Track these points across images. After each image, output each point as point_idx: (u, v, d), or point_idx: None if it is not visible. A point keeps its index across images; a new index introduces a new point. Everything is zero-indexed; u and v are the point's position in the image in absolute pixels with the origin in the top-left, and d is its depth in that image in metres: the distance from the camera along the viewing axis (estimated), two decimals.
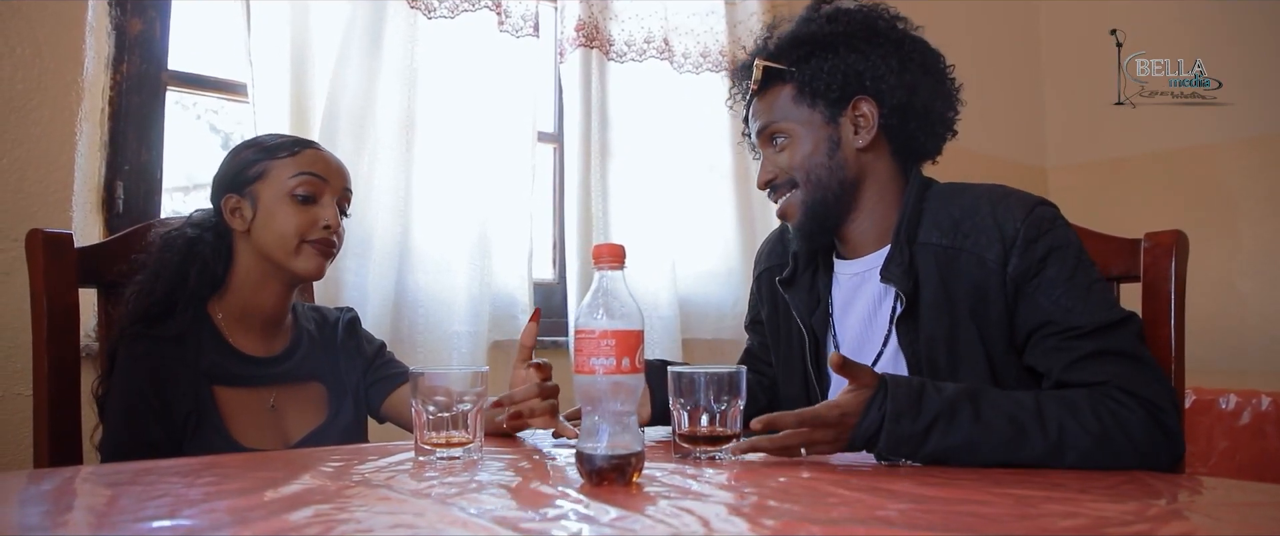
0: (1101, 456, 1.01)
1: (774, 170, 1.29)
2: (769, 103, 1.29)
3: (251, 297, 1.34)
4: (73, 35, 1.70)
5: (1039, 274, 1.14)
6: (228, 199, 1.34)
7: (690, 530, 0.69)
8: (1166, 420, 1.04)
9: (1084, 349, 1.09)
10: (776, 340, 1.41)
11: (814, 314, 1.33)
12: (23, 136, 1.64)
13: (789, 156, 1.27)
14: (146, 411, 1.22)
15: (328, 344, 1.43)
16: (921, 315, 1.20)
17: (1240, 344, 3.15)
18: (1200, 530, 0.72)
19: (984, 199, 1.21)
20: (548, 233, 2.50)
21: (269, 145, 1.35)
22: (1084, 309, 1.11)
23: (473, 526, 0.70)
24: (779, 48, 1.30)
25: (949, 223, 1.21)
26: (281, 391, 1.35)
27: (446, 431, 1.05)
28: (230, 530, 0.68)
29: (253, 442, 1.28)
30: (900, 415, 1.01)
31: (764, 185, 1.31)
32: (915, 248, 1.22)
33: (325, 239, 1.33)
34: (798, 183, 1.27)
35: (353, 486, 0.86)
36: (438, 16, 2.12)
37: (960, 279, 1.18)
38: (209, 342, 1.30)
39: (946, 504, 0.79)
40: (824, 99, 1.25)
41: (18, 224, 1.61)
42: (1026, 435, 1.01)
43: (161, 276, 1.28)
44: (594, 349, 0.87)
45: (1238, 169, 3.37)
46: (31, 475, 1.00)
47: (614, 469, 0.86)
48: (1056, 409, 1.03)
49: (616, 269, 0.90)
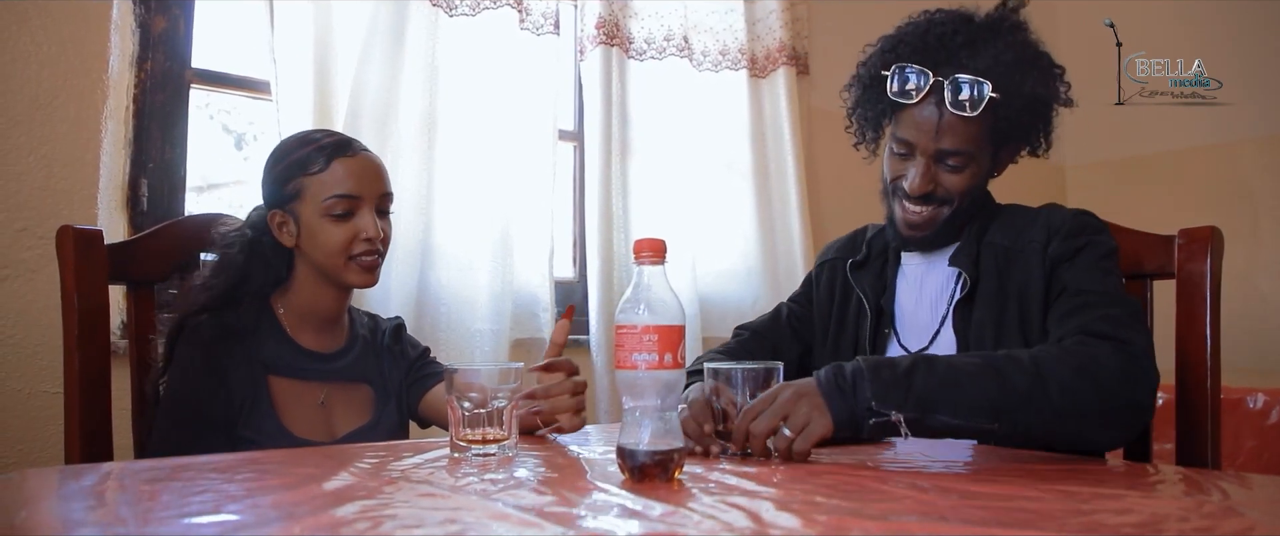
0: (1084, 389, 1.04)
1: (934, 185, 1.29)
2: (971, 128, 1.25)
3: (311, 299, 1.37)
4: (98, 33, 1.71)
5: (1073, 258, 1.24)
6: (274, 215, 1.35)
7: (741, 525, 0.68)
8: (1133, 351, 1.08)
9: (1077, 302, 1.19)
10: (826, 320, 1.46)
11: (881, 296, 1.40)
12: (50, 133, 1.64)
13: (962, 182, 1.29)
14: (204, 389, 1.25)
15: (376, 348, 1.46)
16: (977, 302, 1.29)
17: (1266, 343, 3.12)
18: (1259, 526, 0.70)
19: (1041, 209, 1.34)
20: (568, 231, 2.50)
21: (302, 158, 1.34)
22: (1095, 282, 1.20)
23: (523, 521, 0.69)
24: (1001, 79, 1.23)
25: (1012, 228, 1.32)
26: (332, 388, 1.38)
27: (482, 428, 1.04)
28: (279, 525, 0.67)
29: (302, 434, 1.31)
30: (877, 366, 1.03)
31: (921, 194, 1.29)
32: (982, 246, 1.32)
33: (368, 252, 1.34)
34: (951, 201, 1.30)
35: (392, 482, 0.85)
36: (459, 14, 2.11)
37: (1015, 275, 1.28)
38: (269, 334, 1.34)
39: (997, 499, 0.78)
40: (1006, 143, 1.32)
41: (44, 221, 1.62)
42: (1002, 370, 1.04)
43: (225, 272, 1.32)
44: (636, 344, 0.86)
45: (1259, 167, 3.34)
46: (66, 471, 1.00)
47: (657, 464, 0.85)
48: (1027, 351, 1.10)
49: (658, 263, 0.89)
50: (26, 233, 1.61)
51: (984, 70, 1.22)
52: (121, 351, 1.53)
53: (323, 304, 1.38)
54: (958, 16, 1.30)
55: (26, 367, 1.60)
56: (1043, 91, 1.27)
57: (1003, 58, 1.24)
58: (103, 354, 1.27)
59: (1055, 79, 1.31)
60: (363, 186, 1.34)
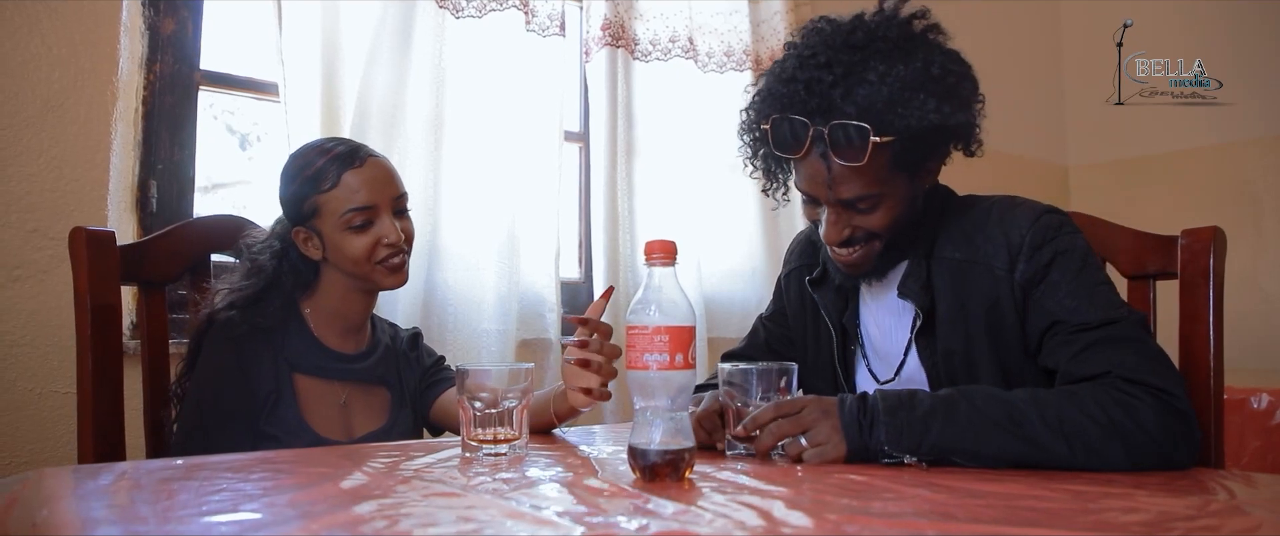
0: (1113, 448, 0.98)
1: (852, 228, 1.18)
2: (866, 173, 1.11)
3: (340, 303, 1.40)
4: (108, 35, 1.72)
5: (1045, 278, 1.14)
6: (298, 232, 1.38)
7: (752, 523, 0.69)
8: (1177, 403, 1.01)
9: (1087, 340, 1.09)
10: (804, 337, 1.40)
11: (844, 313, 1.32)
12: (60, 135, 1.66)
13: (880, 219, 1.16)
14: (230, 383, 1.28)
15: (395, 354, 1.48)
16: (938, 329, 1.21)
17: (1270, 343, 3.12)
18: (1266, 525, 0.71)
19: (993, 210, 1.22)
20: (574, 231, 2.51)
21: (313, 175, 1.35)
22: (1090, 307, 1.11)
23: (536, 520, 0.70)
24: (882, 118, 1.08)
25: (961, 236, 1.21)
26: (353, 390, 1.40)
27: (493, 428, 1.05)
28: (297, 524, 0.68)
29: (322, 431, 1.33)
30: (896, 408, 1.00)
31: (839, 242, 1.19)
32: (932, 262, 1.22)
33: (392, 254, 1.37)
34: (879, 236, 1.19)
35: (406, 481, 0.86)
36: (466, 16, 2.12)
37: (974, 291, 1.19)
38: (295, 333, 1.37)
39: (1006, 499, 0.79)
40: (918, 166, 1.17)
41: (56, 222, 1.63)
42: (1026, 425, 0.98)
43: (256, 278, 1.35)
44: (647, 344, 0.87)
45: (1262, 168, 3.34)
46: (82, 471, 1.01)
47: (668, 464, 0.86)
48: (1054, 398, 1.02)
49: (668, 265, 0.91)
50: (38, 233, 1.62)
51: (861, 113, 1.08)
52: (132, 351, 1.55)
53: (350, 308, 1.41)
54: (829, 47, 1.13)
55: (39, 368, 1.61)
56: (935, 116, 1.09)
57: (878, 95, 1.08)
58: (115, 354, 1.28)
59: (951, 90, 1.13)
60: (376, 194, 1.35)
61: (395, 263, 1.37)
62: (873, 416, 1.01)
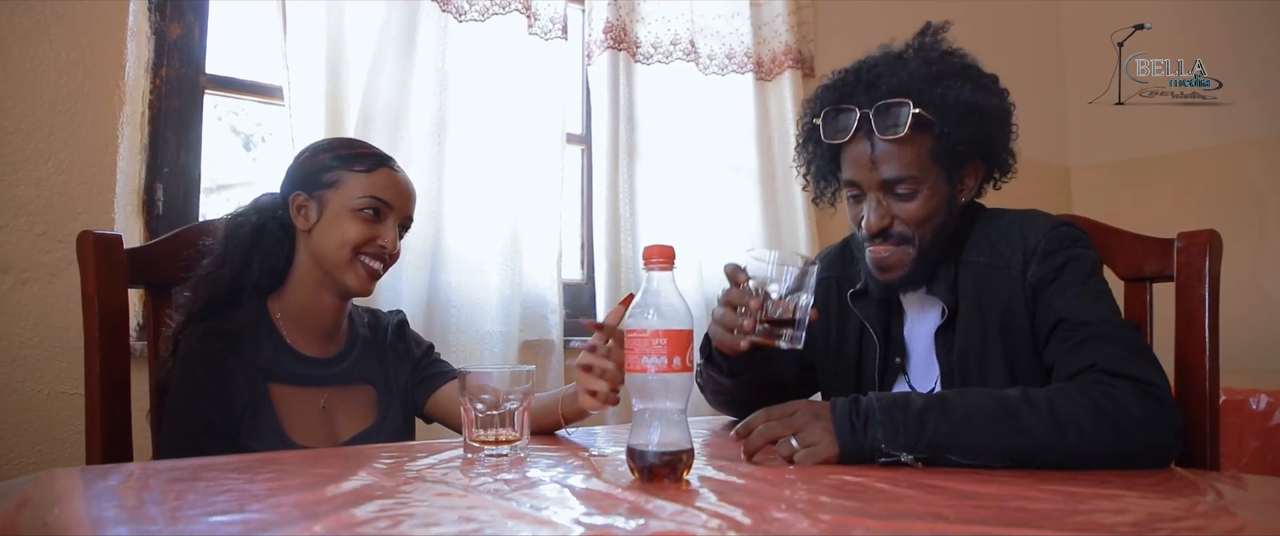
0: (1103, 433, 1.02)
1: (890, 218, 1.25)
2: (907, 152, 1.22)
3: (308, 301, 1.37)
4: (114, 39, 1.74)
5: (1056, 280, 1.22)
6: (296, 196, 1.36)
7: (748, 524, 0.71)
8: (1158, 393, 1.06)
9: (1080, 335, 1.16)
10: (826, 343, 1.43)
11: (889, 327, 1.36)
12: (68, 139, 1.67)
13: (916, 210, 1.24)
14: (206, 397, 1.26)
15: (378, 347, 1.46)
16: (959, 327, 1.27)
17: (1269, 344, 3.13)
18: (1251, 526, 0.72)
19: (1017, 220, 1.31)
20: (576, 233, 2.52)
21: (347, 155, 1.37)
22: (1091, 309, 1.19)
23: (537, 520, 0.71)
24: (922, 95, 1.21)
25: (986, 243, 1.30)
26: (333, 392, 1.38)
27: (495, 429, 1.07)
28: (302, 524, 0.70)
29: (304, 440, 1.31)
30: (891, 407, 1.02)
31: (878, 231, 1.26)
32: (960, 265, 1.30)
33: (378, 255, 1.36)
34: (913, 238, 1.25)
35: (409, 482, 0.88)
36: (468, 19, 2.14)
37: (993, 294, 1.27)
38: (267, 340, 1.34)
39: (997, 499, 0.80)
40: (954, 161, 1.26)
41: (63, 225, 1.65)
42: (1019, 416, 1.03)
43: (227, 263, 1.32)
44: (646, 347, 0.89)
45: (1263, 169, 3.35)
46: (91, 471, 1.02)
47: (665, 465, 0.88)
48: (1042, 392, 1.07)
49: (666, 269, 0.92)
50: (46, 237, 1.64)
51: (903, 90, 1.21)
52: (139, 353, 1.56)
53: (319, 308, 1.37)
54: (882, 52, 1.29)
55: (46, 370, 1.63)
56: (971, 98, 1.22)
57: (918, 73, 1.22)
58: (123, 356, 1.30)
59: (985, 87, 1.27)
60: (397, 199, 1.37)
61: (375, 267, 1.36)
62: (867, 416, 1.02)
